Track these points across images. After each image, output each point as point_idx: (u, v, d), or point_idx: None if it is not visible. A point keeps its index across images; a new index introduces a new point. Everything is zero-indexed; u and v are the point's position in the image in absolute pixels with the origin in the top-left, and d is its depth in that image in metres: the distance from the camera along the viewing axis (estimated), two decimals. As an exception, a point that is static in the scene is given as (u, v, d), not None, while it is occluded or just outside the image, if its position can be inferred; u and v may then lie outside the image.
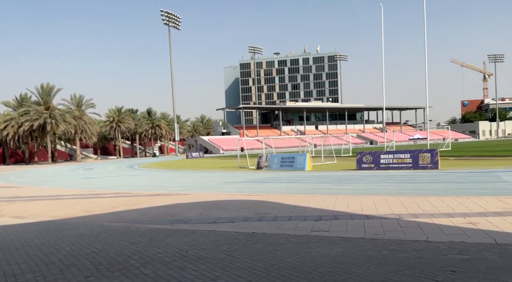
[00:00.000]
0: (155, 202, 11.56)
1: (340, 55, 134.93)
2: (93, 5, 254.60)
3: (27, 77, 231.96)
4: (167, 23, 77.52)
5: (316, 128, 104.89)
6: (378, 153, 20.07)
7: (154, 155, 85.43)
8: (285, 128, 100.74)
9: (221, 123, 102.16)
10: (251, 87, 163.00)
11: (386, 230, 6.54)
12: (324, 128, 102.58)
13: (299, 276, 4.35)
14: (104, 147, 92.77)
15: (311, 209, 8.94)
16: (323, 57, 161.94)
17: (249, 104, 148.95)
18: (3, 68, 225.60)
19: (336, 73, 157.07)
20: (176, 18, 78.70)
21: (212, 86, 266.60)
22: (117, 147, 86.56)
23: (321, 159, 29.44)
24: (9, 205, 12.92)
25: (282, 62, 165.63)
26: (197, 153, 64.68)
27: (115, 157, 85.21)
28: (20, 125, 61.44)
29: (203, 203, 10.89)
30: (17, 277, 4.86)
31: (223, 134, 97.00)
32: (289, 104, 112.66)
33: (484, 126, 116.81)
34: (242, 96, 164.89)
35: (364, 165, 20.04)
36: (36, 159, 74.40)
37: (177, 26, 79.20)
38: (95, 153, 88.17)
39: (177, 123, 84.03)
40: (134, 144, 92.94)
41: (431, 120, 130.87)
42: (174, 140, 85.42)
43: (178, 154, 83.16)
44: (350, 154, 36.86)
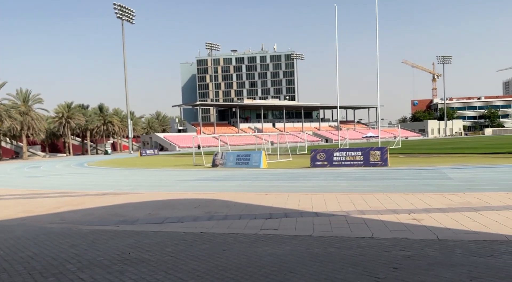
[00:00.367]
0: (102, 202, 11.04)
1: (297, 54, 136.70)
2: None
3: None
4: (120, 16, 74.93)
5: (274, 126, 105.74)
6: (331, 151, 20.46)
7: (106, 152, 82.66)
8: (243, 125, 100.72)
9: (178, 120, 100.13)
10: (208, 84, 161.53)
11: (334, 227, 6.59)
12: (281, 126, 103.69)
13: (244, 277, 4.25)
14: (53, 144, 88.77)
15: (263, 207, 8.89)
16: (280, 55, 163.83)
17: (206, 101, 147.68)
18: None
19: (293, 71, 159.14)
20: (130, 11, 76.28)
21: (168, 82, 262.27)
22: (67, 144, 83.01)
23: (277, 157, 29.67)
24: None
25: (240, 59, 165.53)
26: (152, 150, 63.23)
27: (65, 155, 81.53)
28: (-40, 120, 57.47)
29: (152, 203, 10.54)
30: None
31: (180, 131, 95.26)
32: (247, 101, 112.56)
33: (433, 125, 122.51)
34: (199, 93, 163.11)
35: (318, 162, 20.37)
36: (-22, 157, 69.78)
37: (131, 20, 76.80)
38: (43, 150, 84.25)
39: (131, 119, 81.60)
40: (85, 141, 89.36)
41: (383, 119, 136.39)
42: (128, 137, 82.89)
43: (132, 151, 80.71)
44: (306, 152, 37.42)
